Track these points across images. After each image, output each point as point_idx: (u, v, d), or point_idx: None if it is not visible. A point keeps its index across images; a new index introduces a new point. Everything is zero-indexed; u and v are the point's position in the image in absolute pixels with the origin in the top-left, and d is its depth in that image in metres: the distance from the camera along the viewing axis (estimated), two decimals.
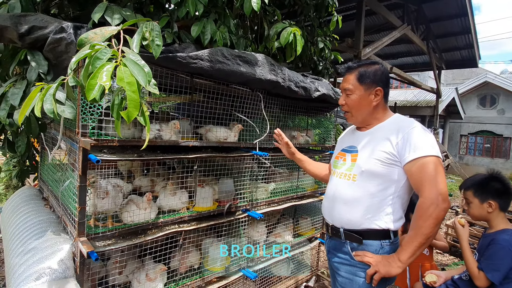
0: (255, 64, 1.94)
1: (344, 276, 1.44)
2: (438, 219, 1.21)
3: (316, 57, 3.51)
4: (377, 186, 1.36)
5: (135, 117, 0.88)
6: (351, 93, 1.45)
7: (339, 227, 1.46)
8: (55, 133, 1.98)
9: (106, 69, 0.86)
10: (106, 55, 0.91)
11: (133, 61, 0.93)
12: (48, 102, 0.95)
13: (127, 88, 0.86)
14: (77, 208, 1.38)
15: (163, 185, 2.16)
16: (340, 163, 1.54)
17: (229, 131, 2.09)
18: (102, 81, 0.83)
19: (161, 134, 1.76)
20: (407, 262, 1.28)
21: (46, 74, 1.38)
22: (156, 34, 1.21)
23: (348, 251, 1.43)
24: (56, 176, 1.90)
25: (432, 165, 1.24)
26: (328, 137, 3.11)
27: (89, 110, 1.36)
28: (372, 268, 1.33)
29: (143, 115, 0.95)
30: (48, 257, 1.34)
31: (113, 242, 1.55)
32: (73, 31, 1.29)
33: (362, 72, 1.43)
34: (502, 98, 12.75)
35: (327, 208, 1.55)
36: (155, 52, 1.23)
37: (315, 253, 3.24)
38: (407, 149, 1.29)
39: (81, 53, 0.95)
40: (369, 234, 1.39)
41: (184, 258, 2.02)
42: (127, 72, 0.87)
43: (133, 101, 0.86)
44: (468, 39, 7.96)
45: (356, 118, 1.50)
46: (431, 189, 1.22)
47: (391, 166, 1.34)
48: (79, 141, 1.34)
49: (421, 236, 1.24)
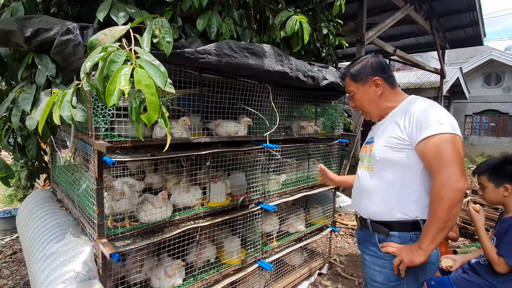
0: (263, 56, 1.90)
1: (373, 268, 1.42)
2: (453, 201, 1.14)
3: (319, 43, 3.44)
4: (394, 173, 1.33)
5: (155, 119, 0.86)
6: (354, 94, 1.50)
7: (366, 218, 1.45)
8: (65, 134, 1.97)
9: (123, 73, 0.83)
10: (121, 57, 0.89)
11: (148, 62, 0.90)
12: (66, 109, 0.94)
13: (146, 90, 0.84)
14: (95, 210, 1.39)
15: (174, 182, 2.16)
16: (363, 155, 1.54)
17: (239, 125, 2.07)
18: (121, 85, 0.81)
19: (172, 132, 1.75)
20: (428, 249, 1.22)
21: (55, 77, 1.36)
22: (166, 30, 1.18)
23: (376, 242, 1.41)
24: (69, 178, 1.90)
25: (443, 143, 1.16)
26: (336, 125, 3.08)
27: (101, 112, 1.34)
28: (397, 258, 1.30)
29: (163, 117, 0.93)
30: (71, 260, 1.35)
31: (132, 242, 1.57)
32: (79, 31, 1.25)
33: (353, 72, 1.47)
34: (508, 76, 12.53)
35: (355, 200, 1.56)
36: (166, 49, 1.20)
37: (327, 241, 3.26)
38: (415, 129, 1.23)
39: (95, 57, 0.92)
40: (397, 225, 1.35)
41: (201, 253, 2.04)
42: (144, 74, 0.85)
43: (152, 103, 0.84)
44: (473, 16, 7.73)
45: (370, 113, 1.51)
46: (443, 170, 1.15)
47: (403, 150, 1.29)
48: (93, 144, 1.33)
49: (437, 221, 1.18)
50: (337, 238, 4.09)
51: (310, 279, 2.97)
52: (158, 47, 1.21)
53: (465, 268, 2.04)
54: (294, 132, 2.57)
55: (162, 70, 0.92)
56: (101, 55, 0.91)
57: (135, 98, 0.90)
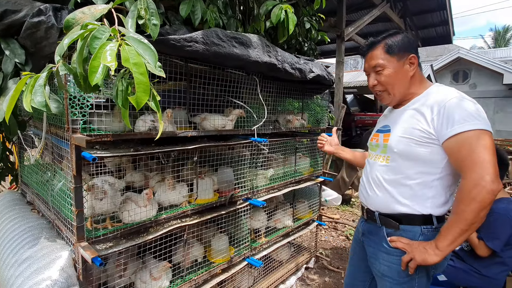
0: (251, 46, 1.83)
1: (382, 263, 1.34)
2: (484, 202, 1.03)
3: (301, 38, 3.42)
4: (413, 168, 1.24)
5: (145, 102, 0.77)
6: (383, 69, 1.29)
7: (374, 210, 1.37)
8: (35, 131, 1.80)
9: (109, 48, 0.73)
10: (104, 33, 0.78)
11: (137, 39, 0.81)
12: (39, 94, 0.82)
13: (134, 69, 0.74)
14: (73, 211, 1.26)
15: (158, 180, 2.04)
16: (374, 144, 1.44)
17: (226, 118, 1.99)
18: (106, 61, 0.71)
19: (156, 126, 1.64)
20: (446, 250, 1.13)
21: (24, 64, 1.21)
22: (152, 12, 1.08)
23: (384, 236, 1.32)
24: (41, 178, 1.73)
25: (476, 140, 1.07)
26: (322, 119, 3.07)
27: (78, 102, 1.22)
28: (407, 255, 1.22)
29: (154, 100, 0.83)
30: (47, 267, 1.22)
31: (115, 244, 1.45)
32: (52, 13, 1.12)
33: (390, 42, 1.29)
34: (474, 73, 13.26)
35: (362, 191, 1.46)
36: (152, 32, 1.10)
37: (313, 235, 3.27)
38: (445, 124, 1.13)
39: (73, 34, 0.81)
40: (408, 219, 1.26)
41: (188, 252, 1.95)
42: (133, 52, 0.75)
43: (142, 84, 0.75)
44: (444, 15, 8.07)
45: (394, 95, 1.33)
46: (475, 168, 1.05)
47: (427, 145, 1.20)
48: (70, 138, 1.21)
49: (463, 222, 1.08)
50: (321, 232, 4.12)
51: (298, 273, 2.96)
52: (144, 29, 1.11)
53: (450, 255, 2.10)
54: (282, 126, 2.53)
55: (152, 49, 0.83)
56: (81, 32, 0.80)
57: (121, 79, 0.80)
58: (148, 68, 0.78)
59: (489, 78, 12.66)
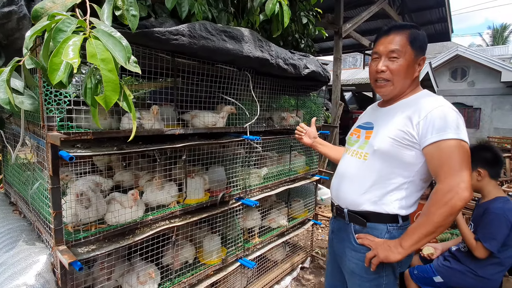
0: (242, 40, 1.76)
1: (351, 260, 1.37)
2: (454, 208, 1.07)
3: (298, 34, 3.34)
4: (389, 168, 1.25)
5: (115, 102, 0.70)
6: (399, 57, 1.23)
7: (343, 207, 1.38)
8: (17, 128, 1.73)
9: (72, 43, 0.66)
10: (70, 25, 0.71)
11: (106, 32, 0.74)
12: (2, 91, 0.75)
13: (102, 66, 0.67)
14: (51, 213, 1.20)
15: (148, 179, 1.98)
16: (353, 139, 1.42)
17: (217, 116, 1.92)
18: (68, 58, 0.64)
19: (142, 123, 1.57)
20: (409, 250, 1.17)
21: None
22: (131, 2, 1.00)
23: (351, 233, 1.35)
24: (23, 177, 1.66)
25: (455, 149, 1.10)
26: (318, 116, 3.00)
27: (55, 98, 1.15)
28: (372, 251, 1.25)
29: (126, 100, 0.77)
30: (23, 272, 1.15)
31: (98, 247, 1.39)
32: (25, 2, 1.05)
33: (415, 35, 1.22)
34: (472, 71, 13.20)
35: (334, 186, 1.45)
36: (131, 24, 1.02)
37: (309, 234, 3.22)
38: (430, 130, 1.15)
39: (38, 26, 0.74)
40: (375, 217, 1.29)
41: (177, 254, 1.88)
42: (100, 47, 0.68)
43: (110, 82, 0.68)
44: (442, 12, 8.01)
45: (395, 88, 1.28)
46: (452, 175, 1.09)
47: (407, 147, 1.21)
48: (46, 136, 1.14)
49: (430, 224, 1.12)
50: (318, 231, 4.07)
51: (293, 273, 2.91)
52: (122, 21, 1.04)
53: (446, 256, 2.06)
54: (276, 123, 2.46)
55: (124, 44, 0.75)
56: (46, 24, 0.73)
57: (90, 76, 0.73)
58: (120, 63, 0.71)
59: (487, 76, 12.61)
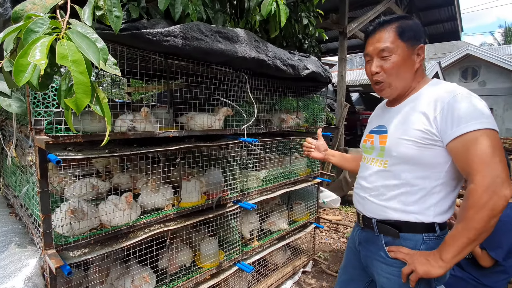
0: (237, 41, 1.73)
1: (381, 275, 1.23)
2: (496, 209, 0.93)
3: (301, 35, 3.31)
4: (414, 172, 1.12)
5: (86, 105, 0.68)
6: (391, 54, 1.14)
7: (370, 217, 1.25)
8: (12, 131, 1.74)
9: (41, 43, 0.64)
10: (43, 26, 0.70)
11: (80, 33, 0.72)
12: None
13: (73, 68, 0.65)
14: (40, 216, 1.19)
15: (145, 182, 1.97)
16: (368, 146, 1.31)
17: (213, 118, 1.90)
18: (34, 59, 0.62)
19: (135, 126, 1.56)
20: (451, 262, 1.02)
21: None
22: (114, 3, 0.99)
23: (382, 245, 1.21)
24: (18, 179, 1.67)
25: (484, 141, 0.96)
26: (319, 117, 2.96)
27: (43, 101, 1.14)
28: (408, 266, 1.10)
29: (99, 103, 0.74)
30: (11, 276, 1.15)
31: (89, 251, 1.38)
32: (10, 5, 1.05)
33: (404, 25, 1.13)
34: (483, 70, 12.91)
35: (358, 197, 1.34)
36: (114, 25, 1.00)
37: (311, 238, 3.16)
38: (450, 123, 1.01)
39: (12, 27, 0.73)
40: (408, 227, 1.15)
41: (173, 258, 1.86)
42: (72, 48, 0.67)
43: (81, 84, 0.66)
44: (451, 11, 7.84)
45: (395, 88, 1.19)
46: (485, 172, 0.95)
47: (429, 147, 1.08)
48: (33, 140, 1.13)
49: (471, 231, 0.97)
50: (321, 234, 4.01)
51: (294, 277, 2.86)
52: (104, 21, 1.02)
53: None
54: (275, 125, 2.42)
55: (99, 46, 0.73)
56: (18, 25, 0.71)
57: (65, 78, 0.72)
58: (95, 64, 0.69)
59: (499, 75, 12.31)
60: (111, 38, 1.20)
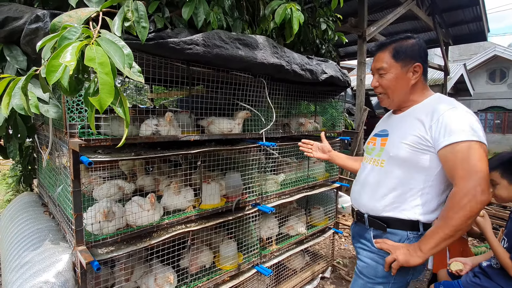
0: (256, 47, 1.77)
1: (363, 260, 1.39)
2: (472, 212, 1.07)
3: (319, 40, 3.32)
4: (406, 173, 1.26)
5: (109, 105, 0.74)
6: (386, 73, 1.32)
7: (364, 212, 1.40)
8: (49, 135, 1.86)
9: (71, 47, 0.71)
10: (76, 34, 0.77)
11: (109, 40, 0.78)
12: (17, 97, 0.82)
13: (99, 69, 0.72)
14: (73, 215, 1.27)
15: (167, 184, 2.04)
16: (370, 148, 1.46)
17: (233, 122, 1.95)
18: (65, 60, 0.68)
19: (159, 130, 1.63)
20: (428, 253, 1.18)
21: (26, 70, 1.25)
22: (141, 14, 1.06)
23: (370, 238, 1.37)
24: (53, 180, 1.79)
25: (471, 151, 1.09)
26: (338, 122, 2.94)
27: (77, 107, 1.23)
28: (391, 256, 1.26)
29: (121, 106, 0.80)
30: (45, 270, 1.23)
31: (116, 248, 1.45)
32: (50, 19, 1.14)
33: (398, 48, 1.29)
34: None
35: (355, 193, 1.49)
36: (141, 35, 1.08)
37: (330, 243, 3.13)
38: (442, 132, 1.15)
39: (48, 36, 0.80)
40: (395, 223, 1.30)
41: (194, 258, 1.91)
42: (100, 51, 0.73)
43: (106, 85, 0.72)
44: (476, 11, 7.57)
45: (392, 99, 1.36)
46: (468, 178, 1.07)
47: (422, 152, 1.21)
48: (68, 143, 1.22)
49: (449, 228, 1.11)
50: (340, 240, 3.95)
51: (313, 283, 2.84)
52: (131, 32, 1.09)
53: (476, 272, 1.90)
54: (293, 129, 2.44)
55: (125, 52, 0.80)
56: (55, 34, 0.79)
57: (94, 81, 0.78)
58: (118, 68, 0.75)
59: None
60: (137, 47, 1.28)
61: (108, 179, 1.97)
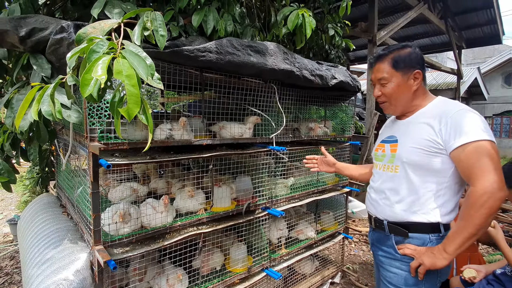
0: (267, 54, 1.82)
1: (389, 270, 1.37)
2: (492, 209, 1.08)
3: (328, 45, 3.35)
4: (421, 176, 1.27)
5: (136, 114, 0.79)
6: (387, 82, 1.36)
7: (382, 219, 1.40)
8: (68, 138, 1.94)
9: (101, 62, 0.77)
10: (102, 47, 0.83)
11: (133, 52, 0.84)
12: (46, 104, 0.88)
13: (126, 82, 0.77)
14: (91, 215, 1.33)
15: (179, 187, 2.09)
16: (379, 154, 1.47)
17: (243, 127, 1.99)
18: (97, 74, 0.74)
19: (173, 134, 1.68)
20: (454, 254, 1.18)
21: (50, 77, 1.32)
22: (159, 24, 1.12)
23: (392, 244, 1.36)
24: (71, 182, 1.86)
25: (483, 150, 1.11)
26: (347, 126, 2.95)
27: (97, 112, 1.29)
28: (416, 260, 1.25)
29: (145, 113, 0.85)
30: (65, 268, 1.29)
31: (131, 249, 1.50)
32: (73, 30, 1.21)
33: (396, 58, 1.33)
34: None
35: (370, 200, 1.49)
36: (159, 43, 1.14)
37: (340, 248, 3.12)
38: (453, 134, 1.17)
39: (77, 48, 0.87)
40: (416, 227, 1.30)
41: (206, 260, 1.95)
42: (126, 64, 0.78)
43: (133, 96, 0.77)
44: (490, 14, 7.43)
45: (395, 107, 1.40)
46: (484, 177, 1.09)
47: (434, 155, 1.23)
48: (88, 146, 1.28)
49: (472, 227, 1.12)
50: (350, 245, 3.92)
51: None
52: (150, 40, 1.15)
53: (490, 279, 1.87)
54: (302, 134, 2.47)
55: (148, 62, 0.85)
56: (83, 46, 0.85)
57: (118, 91, 0.83)
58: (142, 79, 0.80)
59: None
60: (153, 55, 1.34)
61: (123, 182, 2.04)
